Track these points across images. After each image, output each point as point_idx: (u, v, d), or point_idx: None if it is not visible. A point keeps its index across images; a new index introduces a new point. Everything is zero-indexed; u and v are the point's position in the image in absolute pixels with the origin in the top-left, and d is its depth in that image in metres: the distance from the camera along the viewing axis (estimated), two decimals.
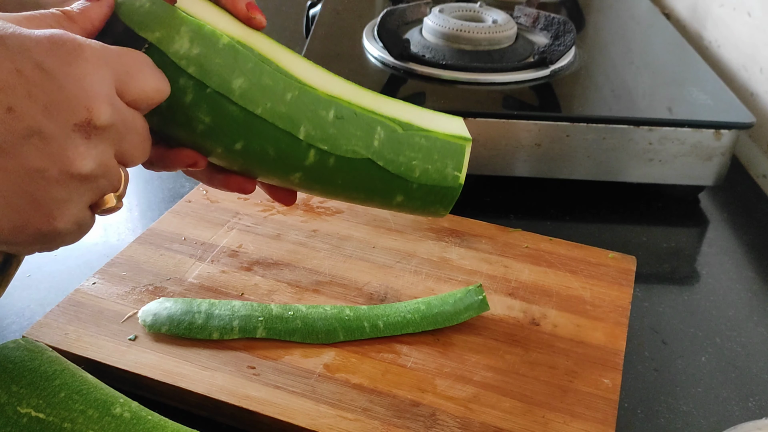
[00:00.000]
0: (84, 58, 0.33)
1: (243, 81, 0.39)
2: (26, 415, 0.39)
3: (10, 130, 0.32)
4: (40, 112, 0.32)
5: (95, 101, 0.33)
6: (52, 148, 0.33)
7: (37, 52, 0.32)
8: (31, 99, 0.32)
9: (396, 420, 0.45)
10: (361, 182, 0.45)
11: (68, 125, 0.33)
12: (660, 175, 0.71)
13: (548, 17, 0.82)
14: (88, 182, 0.34)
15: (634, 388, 0.52)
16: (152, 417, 0.41)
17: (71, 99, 0.33)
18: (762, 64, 0.85)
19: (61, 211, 0.34)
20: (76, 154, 0.33)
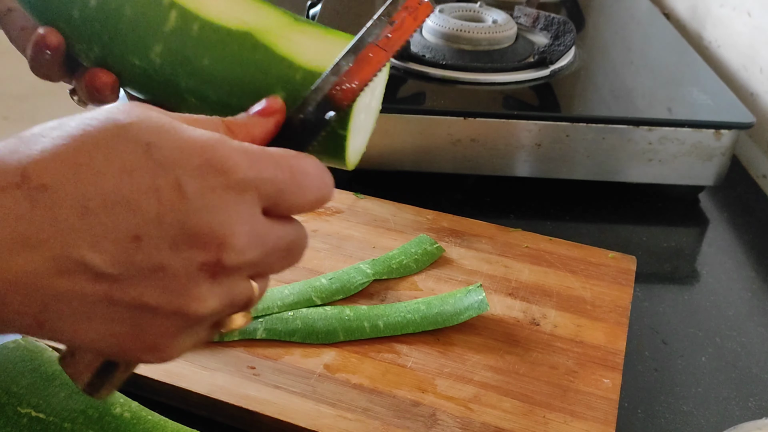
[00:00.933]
0: (230, 182, 0.28)
1: None
2: (26, 415, 0.39)
3: (131, 261, 0.27)
4: (168, 245, 0.28)
5: (230, 239, 0.28)
6: (172, 287, 0.28)
7: (183, 170, 0.28)
8: (161, 229, 0.27)
9: (396, 420, 0.45)
10: (232, 65, 0.37)
11: (194, 264, 0.28)
12: (660, 175, 0.71)
13: (548, 17, 0.82)
14: (202, 320, 0.30)
15: (634, 388, 0.52)
16: (152, 417, 0.41)
17: (204, 234, 0.28)
18: (762, 64, 0.85)
19: (170, 345, 0.30)
20: (194, 296, 0.29)
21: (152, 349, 0.30)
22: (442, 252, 0.60)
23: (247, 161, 0.29)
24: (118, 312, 0.28)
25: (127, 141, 0.27)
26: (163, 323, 0.29)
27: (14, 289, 0.27)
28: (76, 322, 0.28)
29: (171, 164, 0.28)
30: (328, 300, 0.53)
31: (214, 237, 0.28)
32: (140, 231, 0.27)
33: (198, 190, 0.28)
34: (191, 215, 0.28)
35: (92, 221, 0.27)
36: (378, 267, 0.57)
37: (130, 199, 0.27)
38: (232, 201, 0.29)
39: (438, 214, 0.65)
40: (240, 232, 0.29)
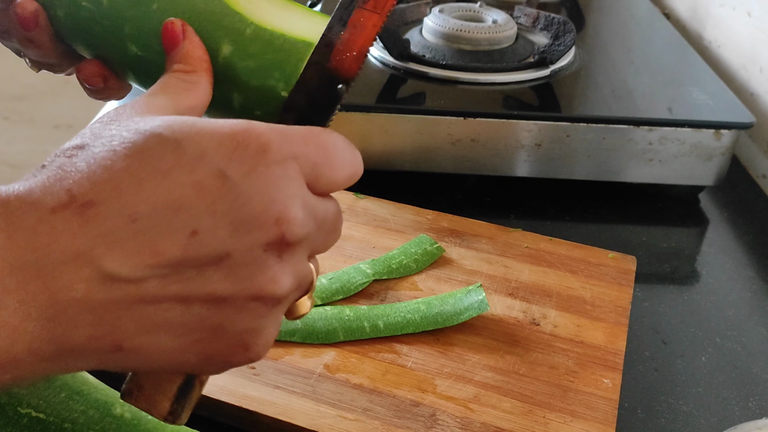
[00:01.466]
0: (270, 160, 0.28)
1: None
2: (26, 415, 0.39)
3: (194, 256, 0.27)
4: (228, 233, 0.27)
5: (287, 213, 0.28)
6: (241, 273, 0.28)
7: (219, 158, 0.28)
8: (215, 218, 0.27)
9: (396, 420, 0.45)
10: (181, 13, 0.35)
11: (258, 246, 0.28)
12: (660, 175, 0.71)
13: (548, 17, 0.82)
14: (280, 303, 0.30)
15: (634, 388, 0.52)
16: (152, 417, 0.41)
17: (260, 214, 0.28)
18: (762, 64, 0.85)
19: (255, 340, 0.30)
20: (267, 278, 0.28)
21: (241, 348, 0.29)
22: (442, 252, 0.60)
23: (279, 137, 0.29)
24: (196, 313, 0.28)
25: (157, 145, 0.27)
26: (243, 315, 0.29)
27: (82, 309, 0.26)
28: (157, 335, 0.28)
29: (206, 156, 0.27)
30: (328, 300, 0.54)
31: (271, 214, 0.28)
32: (195, 225, 0.27)
33: (241, 173, 0.28)
34: (241, 198, 0.28)
35: (144, 227, 0.27)
36: (378, 267, 0.57)
37: (174, 199, 0.27)
38: (277, 176, 0.28)
39: (438, 214, 0.65)
40: (294, 205, 0.29)
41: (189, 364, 0.29)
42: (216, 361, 0.30)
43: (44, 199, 0.26)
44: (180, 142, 0.27)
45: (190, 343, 0.28)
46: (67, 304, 0.26)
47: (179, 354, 0.28)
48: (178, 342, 0.28)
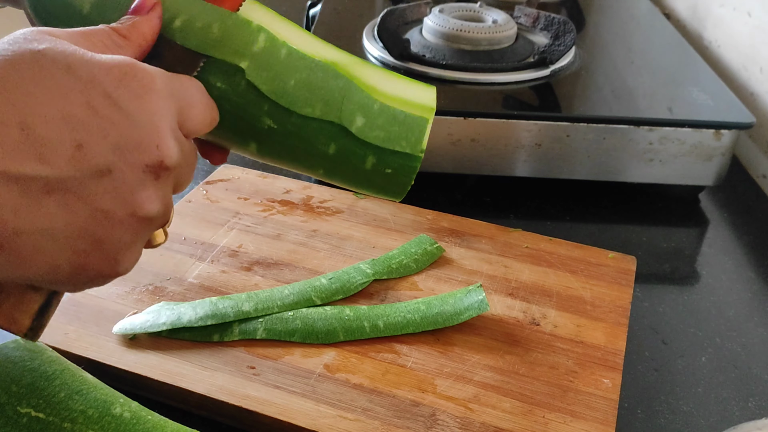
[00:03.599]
0: (155, 90, 0.32)
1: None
2: (26, 414, 0.39)
3: (79, 168, 0.30)
4: (111, 150, 0.30)
5: (165, 140, 0.32)
6: (122, 189, 0.31)
7: (108, 83, 0.30)
8: (102, 136, 0.30)
9: (396, 420, 0.45)
10: (316, 89, 0.41)
11: (139, 166, 0.31)
12: (660, 175, 0.71)
13: (548, 17, 0.82)
14: (151, 224, 0.33)
15: (634, 388, 0.52)
16: (152, 417, 0.41)
17: (143, 137, 0.31)
18: (762, 64, 0.85)
19: (125, 254, 0.33)
20: (145, 196, 0.32)
21: (112, 261, 0.32)
22: (442, 252, 0.60)
23: (163, 76, 0.32)
24: (79, 224, 0.30)
25: (49, 65, 0.30)
26: (119, 230, 0.32)
27: None
28: (38, 239, 0.30)
29: (96, 80, 0.30)
30: (328, 300, 0.54)
31: (153, 139, 0.31)
32: (82, 140, 0.30)
33: (129, 99, 0.31)
34: (128, 121, 0.31)
35: (34, 136, 0.29)
36: (378, 267, 0.57)
37: (66, 114, 0.29)
38: (161, 107, 0.32)
39: (438, 214, 0.65)
40: (170, 135, 0.32)
41: (61, 272, 0.31)
42: (87, 273, 0.32)
43: None
44: (71, 66, 0.30)
45: (69, 253, 0.31)
46: None
47: (55, 261, 0.31)
48: (56, 247, 0.30)
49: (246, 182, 0.68)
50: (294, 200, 0.66)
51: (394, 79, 0.43)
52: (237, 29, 0.39)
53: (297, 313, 0.51)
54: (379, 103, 0.42)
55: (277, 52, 0.40)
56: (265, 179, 0.69)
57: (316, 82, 0.41)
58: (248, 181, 0.68)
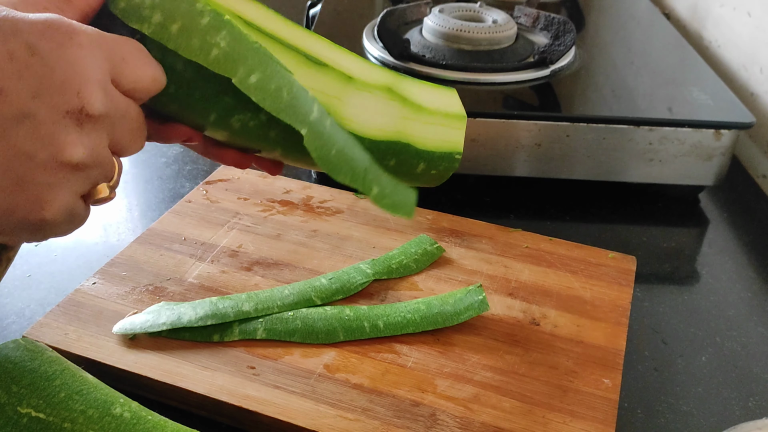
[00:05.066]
0: (78, 42, 0.33)
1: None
2: (26, 415, 0.39)
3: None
4: (31, 96, 0.32)
5: (88, 87, 0.33)
6: (42, 132, 0.32)
7: (30, 35, 0.32)
8: (21, 82, 0.31)
9: (396, 420, 0.45)
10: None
11: (59, 111, 0.32)
12: (660, 175, 0.71)
13: (548, 17, 0.82)
14: (78, 171, 0.34)
15: (634, 388, 0.52)
16: (152, 417, 0.41)
17: (63, 84, 0.32)
18: (762, 64, 0.85)
19: (49, 198, 0.34)
20: (66, 141, 0.33)
21: (37, 204, 0.33)
22: (442, 252, 0.60)
23: (91, 30, 0.33)
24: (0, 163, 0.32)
25: None
26: (42, 172, 0.33)
27: None
28: None
29: (19, 32, 0.31)
30: (328, 300, 0.54)
31: (73, 85, 0.32)
32: (2, 86, 0.31)
33: (50, 49, 0.32)
34: (47, 68, 0.32)
35: None
36: (378, 267, 0.57)
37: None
38: (83, 56, 0.33)
39: (438, 214, 0.65)
40: (96, 84, 0.33)
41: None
42: (16, 216, 0.33)
43: None
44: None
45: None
46: None
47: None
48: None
49: (246, 182, 0.68)
50: (294, 200, 0.66)
51: (428, 89, 0.51)
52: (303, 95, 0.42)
53: (297, 313, 0.51)
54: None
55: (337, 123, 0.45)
56: (265, 179, 0.69)
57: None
58: (248, 181, 0.68)
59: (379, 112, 0.48)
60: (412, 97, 0.51)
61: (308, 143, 0.41)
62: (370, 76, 0.48)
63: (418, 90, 0.53)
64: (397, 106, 0.49)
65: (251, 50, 0.39)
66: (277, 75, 0.40)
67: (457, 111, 0.53)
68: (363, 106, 0.47)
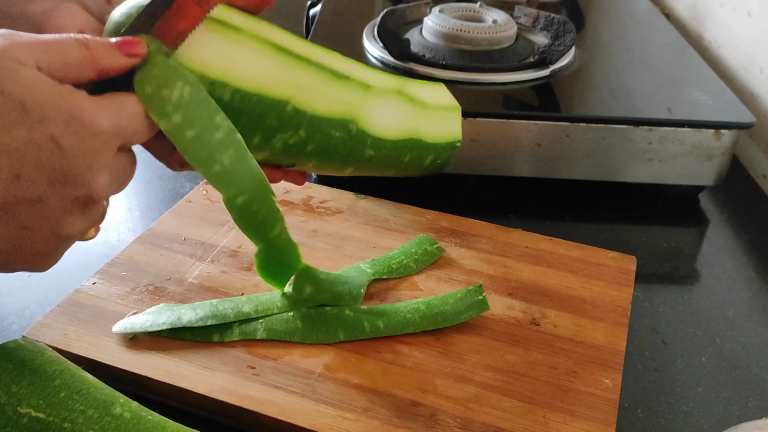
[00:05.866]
0: (97, 134, 0.35)
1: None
2: (26, 415, 0.39)
3: (13, 194, 0.33)
4: (46, 183, 0.34)
5: (98, 179, 0.35)
6: (48, 214, 0.35)
7: (56, 127, 0.33)
8: (39, 170, 0.34)
9: (396, 420, 0.45)
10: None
11: (68, 198, 0.35)
12: (660, 175, 0.71)
13: (548, 17, 0.82)
14: (74, 239, 0.37)
15: (634, 388, 0.52)
16: (152, 417, 0.41)
17: (77, 176, 0.35)
18: (762, 64, 0.85)
19: (45, 260, 0.37)
20: (69, 222, 0.36)
21: (30, 263, 0.37)
22: (442, 252, 0.60)
23: (108, 116, 0.35)
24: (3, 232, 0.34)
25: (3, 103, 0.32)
26: (39, 242, 0.36)
27: None
28: None
29: (45, 120, 0.33)
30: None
31: (86, 178, 0.35)
32: (21, 172, 0.33)
33: (70, 142, 0.34)
34: (65, 161, 0.34)
35: None
36: (378, 267, 0.57)
37: (10, 147, 0.33)
38: (99, 149, 0.35)
39: (438, 214, 0.65)
40: (104, 172, 0.36)
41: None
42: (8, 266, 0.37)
43: None
44: (24, 105, 0.33)
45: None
46: None
47: None
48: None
49: None
50: (294, 200, 0.66)
51: (426, 87, 0.57)
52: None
53: (297, 313, 0.51)
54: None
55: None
56: None
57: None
58: None
59: (395, 113, 0.52)
60: (417, 95, 0.55)
61: (259, 261, 0.47)
62: (382, 82, 0.52)
63: (418, 88, 0.56)
64: (409, 106, 0.53)
65: (249, 173, 0.41)
66: (261, 199, 0.43)
67: (451, 103, 0.58)
68: (382, 111, 0.51)
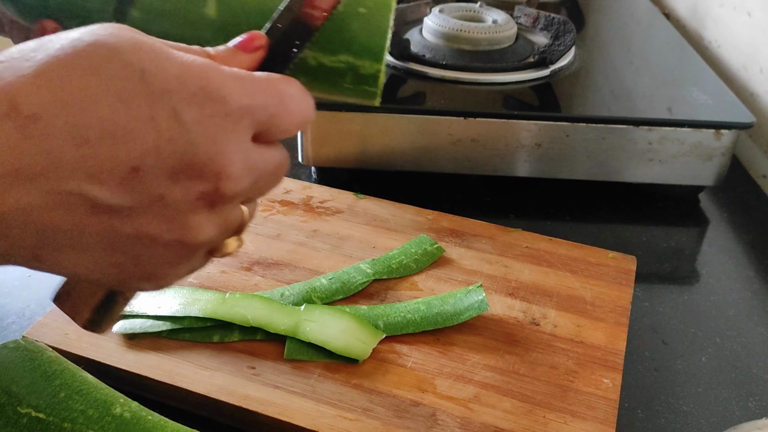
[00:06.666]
0: (226, 112, 0.28)
1: None
2: (26, 415, 0.39)
3: (130, 192, 0.27)
4: (167, 176, 0.27)
5: (227, 169, 0.28)
6: (171, 216, 0.28)
7: (179, 98, 0.27)
8: (159, 159, 0.27)
9: (396, 420, 0.45)
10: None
11: (194, 194, 0.28)
12: (660, 175, 0.71)
13: (548, 17, 0.82)
14: (201, 248, 0.30)
15: (634, 388, 0.52)
16: (152, 417, 0.41)
17: (203, 166, 0.28)
18: (762, 64, 0.85)
19: (168, 273, 0.31)
20: (194, 225, 0.29)
21: (150, 278, 0.30)
22: (442, 252, 0.60)
23: (240, 88, 0.29)
24: (118, 243, 0.28)
25: (121, 66, 0.26)
26: (162, 252, 0.29)
27: (10, 222, 0.26)
28: (76, 254, 0.28)
29: (167, 92, 0.27)
30: (328, 300, 0.53)
31: (213, 167, 0.28)
32: (139, 162, 0.27)
33: (195, 119, 0.27)
34: (189, 145, 0.27)
35: (88, 152, 0.26)
36: (378, 267, 0.57)
37: (127, 129, 0.26)
38: (228, 129, 0.28)
39: (438, 214, 0.65)
40: (236, 160, 0.29)
41: (102, 281, 0.30)
42: (126, 284, 0.31)
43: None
44: (145, 72, 0.27)
45: (108, 266, 0.29)
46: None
47: (95, 272, 0.29)
48: (96, 263, 0.29)
49: None
50: (294, 200, 0.66)
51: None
52: None
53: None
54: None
55: None
56: None
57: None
58: None
59: None
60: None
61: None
62: None
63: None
64: None
65: None
66: None
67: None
68: None
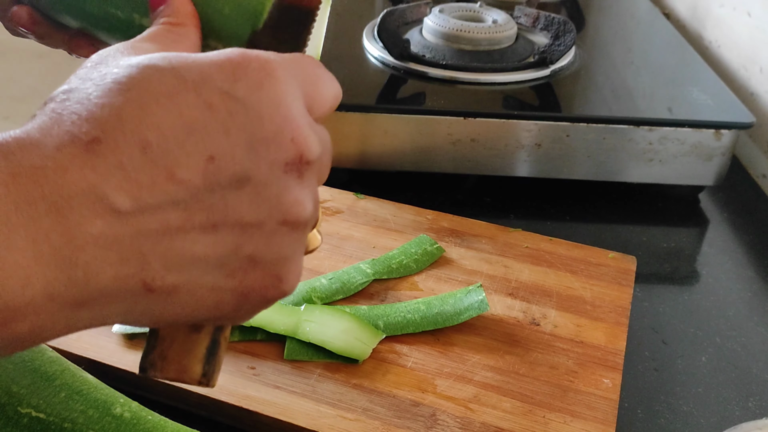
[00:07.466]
0: (275, 77, 0.27)
1: None
2: (27, 415, 0.39)
3: (214, 181, 0.25)
4: (245, 154, 0.26)
5: (299, 130, 0.27)
6: (266, 195, 0.26)
7: (222, 80, 0.26)
8: (230, 139, 0.26)
9: (396, 420, 0.45)
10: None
11: (279, 166, 0.26)
12: (660, 175, 0.71)
13: (548, 17, 0.82)
14: (306, 228, 0.28)
15: (635, 388, 0.52)
16: (152, 417, 0.41)
17: (276, 133, 0.26)
18: (762, 64, 0.85)
19: (287, 269, 0.28)
20: (292, 199, 0.27)
21: (275, 279, 0.28)
22: (442, 252, 0.60)
23: (276, 57, 0.28)
24: (227, 243, 0.26)
25: (155, 73, 0.26)
26: (274, 242, 0.27)
27: (102, 246, 0.24)
28: (189, 271, 0.26)
29: (209, 79, 0.26)
30: (328, 300, 0.54)
31: (286, 133, 0.27)
32: (211, 149, 0.25)
33: (247, 90, 0.26)
34: (253, 116, 0.26)
35: (156, 155, 0.25)
36: (378, 267, 0.57)
37: (184, 121, 0.25)
38: (286, 93, 0.27)
39: (438, 214, 0.65)
40: (304, 124, 0.27)
41: (226, 304, 0.27)
42: (253, 298, 0.28)
43: (45, 141, 0.24)
44: (178, 70, 0.26)
45: (225, 277, 0.27)
46: (84, 241, 0.24)
47: (215, 293, 0.27)
48: (212, 277, 0.26)
49: None
50: None
51: None
52: None
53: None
54: None
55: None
56: None
57: None
58: None
59: None
60: None
61: None
62: None
63: None
64: None
65: None
66: None
67: None
68: None
